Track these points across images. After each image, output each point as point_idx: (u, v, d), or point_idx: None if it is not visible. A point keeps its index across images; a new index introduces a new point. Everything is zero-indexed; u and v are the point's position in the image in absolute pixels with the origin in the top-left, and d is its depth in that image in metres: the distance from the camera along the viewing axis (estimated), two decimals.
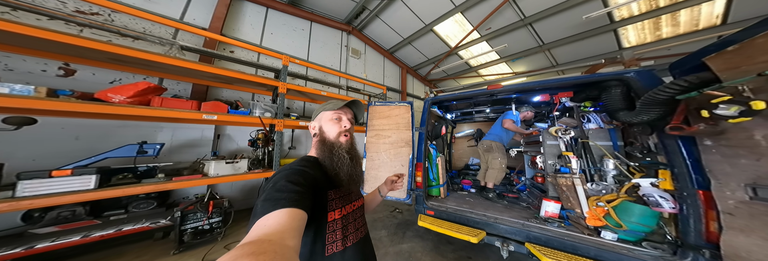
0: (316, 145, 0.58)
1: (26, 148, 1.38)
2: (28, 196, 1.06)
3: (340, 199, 0.54)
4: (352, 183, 0.56)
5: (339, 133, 0.57)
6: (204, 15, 2.50)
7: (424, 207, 1.77)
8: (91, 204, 1.43)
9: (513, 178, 2.70)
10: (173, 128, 2.10)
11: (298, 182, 0.43)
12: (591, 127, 1.64)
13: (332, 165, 0.54)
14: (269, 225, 0.31)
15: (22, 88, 1.08)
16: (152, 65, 1.71)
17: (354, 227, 0.55)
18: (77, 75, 1.73)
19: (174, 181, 1.50)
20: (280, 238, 0.28)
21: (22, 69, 1.54)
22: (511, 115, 2.17)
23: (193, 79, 2.26)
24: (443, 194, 2.06)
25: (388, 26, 4.21)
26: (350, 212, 0.55)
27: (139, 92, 1.43)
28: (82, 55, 1.60)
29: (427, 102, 2.06)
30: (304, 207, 0.37)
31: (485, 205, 1.84)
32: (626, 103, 1.22)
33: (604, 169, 1.42)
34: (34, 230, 1.25)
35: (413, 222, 2.21)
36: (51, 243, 1.22)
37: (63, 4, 1.72)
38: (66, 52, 1.53)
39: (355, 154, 0.59)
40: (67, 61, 1.68)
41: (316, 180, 0.49)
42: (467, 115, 3.37)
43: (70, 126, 1.61)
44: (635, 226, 1.14)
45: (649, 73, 1.14)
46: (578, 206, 1.37)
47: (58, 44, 1.22)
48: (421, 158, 1.89)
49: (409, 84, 6.02)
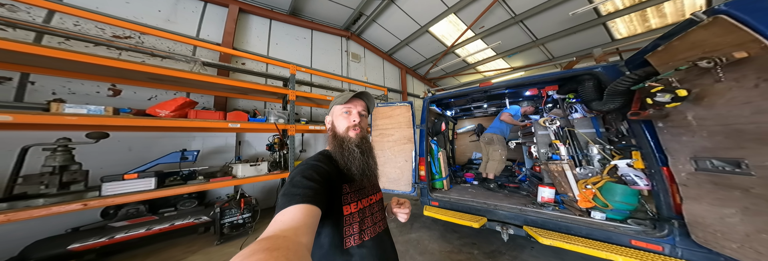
0: (329, 139, 0.58)
1: (96, 158, 1.66)
2: (109, 195, 1.33)
3: (356, 192, 0.53)
4: (365, 177, 0.55)
5: (348, 127, 0.56)
6: (216, 31, 2.77)
7: (429, 198, 1.93)
8: (149, 203, 1.70)
9: (514, 170, 2.84)
10: (203, 137, 2.38)
11: (312, 177, 0.43)
12: (577, 116, 1.79)
13: (343, 159, 0.53)
14: (284, 221, 0.32)
15: (95, 108, 1.35)
16: (181, 81, 1.97)
17: (371, 221, 0.53)
18: (122, 94, 2.02)
19: (211, 182, 1.75)
20: (293, 234, 0.29)
21: (81, 92, 1.84)
22: (510, 109, 2.33)
23: (214, 92, 2.53)
24: (446, 187, 2.22)
25: (385, 30, 4.41)
26: (367, 206, 0.54)
27: (178, 107, 1.69)
28: (126, 76, 1.89)
29: (425, 101, 2.23)
30: (316, 202, 0.38)
31: (486, 194, 2.00)
32: (597, 94, 1.38)
33: (590, 154, 1.56)
34: (112, 224, 1.53)
35: (420, 214, 2.33)
36: (125, 234, 1.49)
37: (102, 30, 2.01)
38: (113, 74, 1.81)
39: (367, 147, 0.57)
40: (114, 82, 1.98)
41: (330, 174, 0.49)
42: (467, 111, 3.55)
43: (125, 139, 1.90)
44: (620, 205, 1.27)
45: (613, 68, 1.30)
46: (570, 190, 1.51)
47: (107, 68, 1.49)
48: (423, 153, 2.05)
49: (409, 84, 6.19)
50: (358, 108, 0.59)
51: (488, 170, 2.30)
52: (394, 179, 2.11)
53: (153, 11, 2.35)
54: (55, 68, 1.64)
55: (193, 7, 2.64)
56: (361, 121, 0.58)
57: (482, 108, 3.27)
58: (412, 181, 2.00)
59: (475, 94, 2.33)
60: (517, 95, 2.49)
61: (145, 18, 2.28)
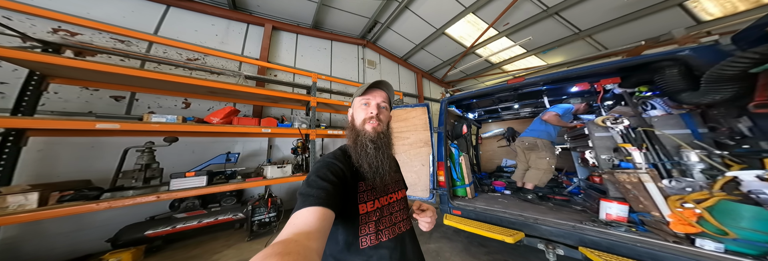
0: (347, 132, 0.55)
1: (169, 159, 2.02)
2: (175, 190, 1.60)
3: (373, 191, 0.50)
4: (378, 175, 0.50)
5: (364, 119, 0.52)
6: (256, 48, 3.24)
7: (450, 206, 1.75)
8: (201, 198, 1.95)
9: (561, 180, 2.37)
10: (244, 141, 2.71)
11: (326, 177, 0.43)
12: (656, 113, 1.41)
13: (356, 155, 0.50)
14: (297, 224, 0.33)
15: (171, 117, 1.69)
16: (230, 93, 2.33)
17: (390, 221, 0.50)
18: (191, 106, 2.50)
19: (247, 181, 1.95)
20: (305, 239, 0.30)
21: (165, 105, 2.35)
22: (556, 107, 1.99)
23: (253, 102, 2.91)
24: (471, 195, 1.99)
25: (400, 35, 4.48)
26: (386, 205, 0.51)
27: (226, 114, 1.99)
28: (193, 91, 2.32)
29: (443, 102, 2.11)
30: (329, 205, 0.37)
31: (522, 206, 1.71)
32: (688, 83, 1.07)
33: (686, 163, 1.18)
34: (176, 215, 1.81)
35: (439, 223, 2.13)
36: (184, 225, 1.74)
37: (179, 55, 2.57)
38: (186, 90, 2.26)
39: (383, 143, 0.51)
40: (185, 97, 2.46)
41: (344, 172, 0.47)
42: (493, 113, 3.20)
43: (190, 143, 2.30)
44: (750, 233, 0.89)
45: (710, 49, 0.99)
46: (654, 208, 1.15)
47: (183, 85, 1.87)
48: (442, 157, 1.91)
49: (426, 87, 6.07)
50: (378, 99, 0.54)
51: (528, 179, 1.97)
52: (411, 184, 2.00)
53: (212, 36, 2.91)
54: (150, 87, 2.14)
55: (239, 30, 3.13)
56: (380, 113, 0.53)
57: (512, 109, 2.89)
58: (430, 186, 1.85)
59: (503, 94, 2.08)
60: (558, 92, 2.12)
61: (207, 42, 2.84)
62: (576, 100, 2.05)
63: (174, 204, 1.90)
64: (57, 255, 1.62)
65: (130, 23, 2.33)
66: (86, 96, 1.95)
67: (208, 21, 2.92)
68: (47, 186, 1.33)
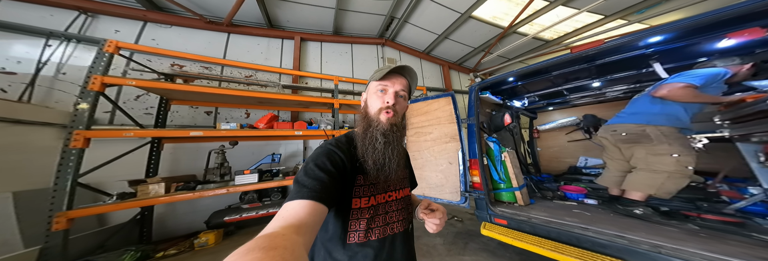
0: (358, 119, 0.51)
1: (236, 159, 2.57)
2: (237, 185, 2.00)
3: (371, 186, 0.46)
4: (383, 174, 0.46)
5: (380, 108, 0.47)
6: (289, 59, 3.68)
7: (490, 213, 1.42)
8: (258, 192, 2.38)
9: (717, 190, 1.43)
10: (285, 144, 3.17)
11: (324, 167, 0.40)
12: None
13: (362, 148, 0.45)
14: (286, 217, 0.31)
15: (233, 125, 2.14)
16: (272, 102, 2.72)
17: (383, 221, 0.46)
18: (250, 116, 3.11)
19: (286, 179, 2.24)
20: (293, 232, 0.28)
21: (235, 116, 3.01)
22: (686, 76, 1.15)
23: (289, 108, 3.32)
24: (523, 201, 1.56)
25: (419, 28, 4.17)
26: (382, 203, 0.47)
27: (268, 120, 2.34)
28: (249, 103, 2.86)
29: (473, 89, 1.74)
30: (322, 199, 0.35)
31: (621, 223, 1.17)
32: None
33: None
34: (242, 205, 2.18)
35: (477, 233, 1.83)
36: (246, 214, 2.15)
37: (240, 73, 3.22)
38: (245, 102, 2.80)
39: (395, 137, 0.46)
40: (245, 108, 3.07)
41: (344, 162, 0.43)
42: (554, 97, 2.38)
43: (249, 146, 2.87)
44: None
45: None
46: None
47: (243, 98, 2.33)
48: (475, 154, 1.57)
49: (455, 79, 5.49)
50: (397, 87, 0.49)
51: (632, 186, 1.28)
52: (436, 185, 1.73)
53: (259, 54, 3.49)
54: (224, 102, 2.79)
55: (276, 45, 3.61)
56: (397, 104, 0.48)
57: (589, 89, 2.03)
58: (462, 188, 1.55)
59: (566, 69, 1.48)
60: (684, 54, 1.29)
61: (256, 60, 3.44)
62: (729, 62, 1.15)
63: (241, 196, 2.36)
64: (182, 230, 2.25)
65: (209, 52, 3.09)
66: (192, 112, 2.72)
67: (255, 41, 3.52)
68: (171, 179, 1.92)
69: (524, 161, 2.58)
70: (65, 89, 2.13)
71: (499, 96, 2.15)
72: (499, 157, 1.66)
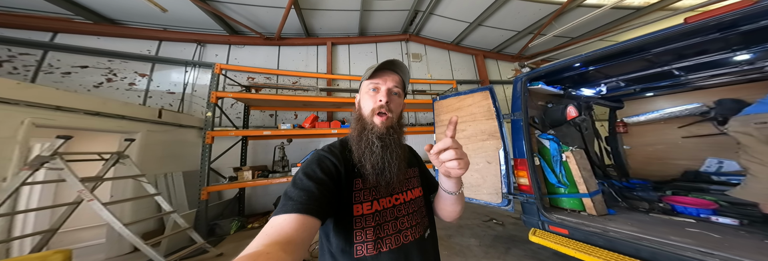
0: (352, 122, 0.47)
1: (293, 153, 3.26)
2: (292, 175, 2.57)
3: (372, 190, 0.42)
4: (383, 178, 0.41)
5: (373, 109, 0.43)
6: (323, 64, 4.10)
7: (544, 220, 1.25)
8: None
9: None
10: (324, 141, 3.66)
11: (314, 175, 0.37)
12: None
13: (358, 152, 0.42)
14: (270, 234, 0.28)
15: (287, 125, 2.70)
16: (313, 104, 3.20)
17: (394, 228, 0.41)
18: (298, 117, 3.77)
19: None
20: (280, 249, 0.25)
21: (288, 117, 3.71)
22: None
23: (326, 109, 3.76)
24: (595, 210, 1.28)
25: (447, 18, 3.84)
26: (389, 208, 0.42)
27: (311, 121, 2.81)
28: (296, 106, 3.43)
29: (518, 80, 1.50)
30: (311, 210, 0.31)
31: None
32: None
33: None
34: None
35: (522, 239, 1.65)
36: None
37: (288, 80, 3.84)
38: (294, 105, 3.39)
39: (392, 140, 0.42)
40: (294, 110, 3.73)
41: (337, 167, 0.40)
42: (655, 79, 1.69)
43: (300, 143, 3.50)
44: None
45: None
46: None
47: (293, 102, 2.88)
48: (522, 153, 1.38)
49: (492, 69, 4.87)
50: (389, 83, 0.44)
51: None
52: (471, 185, 1.64)
53: (301, 62, 4.04)
54: (279, 106, 3.48)
55: (313, 52, 4.09)
56: (391, 102, 0.44)
57: (724, 64, 1.32)
58: (504, 190, 1.41)
59: (683, 41, 1.02)
60: None
61: (299, 67, 4.01)
62: None
63: None
64: (260, 208, 3.03)
65: (268, 64, 3.81)
66: (261, 116, 3.54)
67: (297, 50, 4.09)
68: (253, 168, 2.64)
69: (600, 162, 2.02)
70: (196, 102, 3.22)
71: (557, 85, 1.74)
72: (558, 158, 1.40)
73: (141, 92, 2.99)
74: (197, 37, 3.43)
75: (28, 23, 2.60)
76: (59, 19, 2.74)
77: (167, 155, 2.49)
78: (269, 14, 3.28)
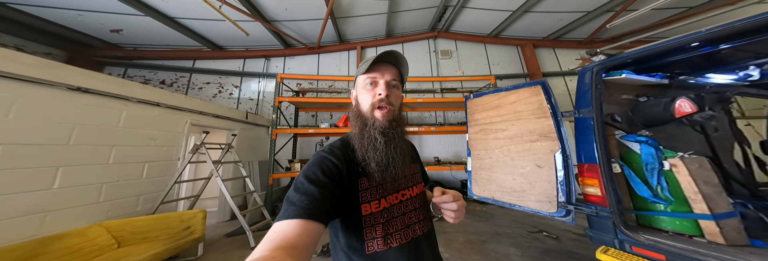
0: (351, 119, 0.46)
1: None
2: None
3: (379, 188, 0.41)
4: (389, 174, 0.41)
5: (372, 104, 0.42)
6: (354, 67, 4.43)
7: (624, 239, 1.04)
8: None
9: None
10: None
11: (314, 178, 0.36)
12: None
13: (362, 149, 0.41)
14: (274, 239, 0.28)
15: (326, 125, 3.14)
16: (346, 105, 3.55)
17: (402, 223, 0.41)
18: (333, 117, 4.27)
19: None
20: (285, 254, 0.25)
21: (324, 117, 4.23)
22: None
23: None
24: (724, 238, 0.96)
25: (482, 10, 3.50)
26: (396, 204, 0.42)
27: (344, 120, 3.17)
28: (331, 107, 3.90)
29: (585, 72, 1.24)
30: (313, 215, 0.31)
31: None
32: None
33: None
34: None
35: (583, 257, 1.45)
36: None
37: (326, 84, 4.35)
38: (328, 107, 3.89)
39: (396, 134, 0.42)
40: (330, 111, 4.20)
41: (339, 168, 0.39)
42: None
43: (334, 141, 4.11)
44: None
45: None
46: None
47: (329, 104, 3.35)
48: (593, 158, 1.15)
49: (545, 59, 4.20)
50: (387, 77, 0.43)
51: None
52: (513, 190, 1.44)
53: (335, 66, 4.48)
54: (320, 108, 4.03)
55: (344, 57, 4.47)
56: (391, 95, 0.42)
57: None
58: (561, 198, 1.20)
59: None
60: None
61: (334, 72, 4.46)
62: None
63: None
64: None
65: (310, 71, 4.42)
66: (306, 116, 4.17)
67: (332, 56, 4.56)
68: (302, 161, 3.20)
69: (737, 175, 1.38)
70: (264, 105, 4.12)
71: (658, 73, 1.30)
72: (655, 166, 1.10)
73: (235, 99, 4.09)
74: (264, 53, 4.35)
75: (178, 55, 4.07)
76: (194, 49, 4.07)
77: (249, 147, 3.33)
78: (311, 26, 3.79)
